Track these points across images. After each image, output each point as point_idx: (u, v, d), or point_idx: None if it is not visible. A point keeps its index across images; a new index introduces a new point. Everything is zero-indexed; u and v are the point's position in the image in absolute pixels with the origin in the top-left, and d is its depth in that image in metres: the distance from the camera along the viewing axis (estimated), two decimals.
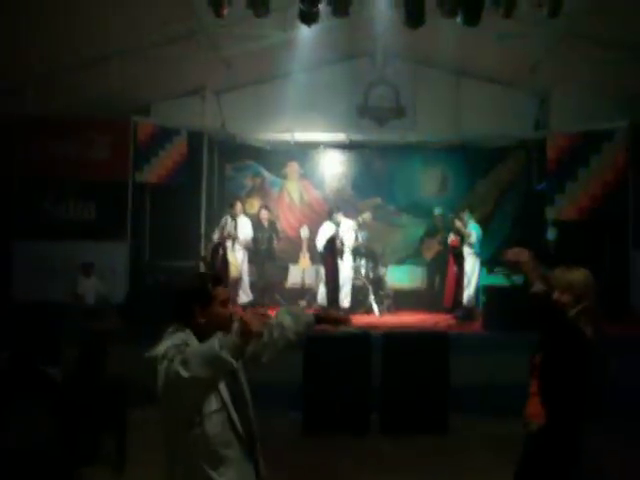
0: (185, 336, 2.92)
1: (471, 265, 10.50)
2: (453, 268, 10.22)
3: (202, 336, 2.90)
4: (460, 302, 10.10)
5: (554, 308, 3.60)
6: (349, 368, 6.97)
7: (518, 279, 10.04)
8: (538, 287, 3.55)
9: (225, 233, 10.36)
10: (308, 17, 7.66)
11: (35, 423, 5.42)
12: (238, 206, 10.64)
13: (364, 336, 7.12)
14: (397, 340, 7.25)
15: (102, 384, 5.90)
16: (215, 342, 2.67)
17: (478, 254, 10.61)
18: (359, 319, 10.25)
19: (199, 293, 3.00)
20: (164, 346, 2.85)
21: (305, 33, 9.48)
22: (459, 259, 10.23)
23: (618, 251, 10.87)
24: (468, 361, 7.36)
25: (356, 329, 7.80)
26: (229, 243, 10.33)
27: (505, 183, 12.99)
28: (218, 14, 7.79)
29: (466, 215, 10.56)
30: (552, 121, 12.01)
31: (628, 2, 8.47)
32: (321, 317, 3.29)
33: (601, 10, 8.60)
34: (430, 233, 11.62)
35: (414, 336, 7.46)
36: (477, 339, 8.50)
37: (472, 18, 7.34)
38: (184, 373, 2.68)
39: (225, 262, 10.10)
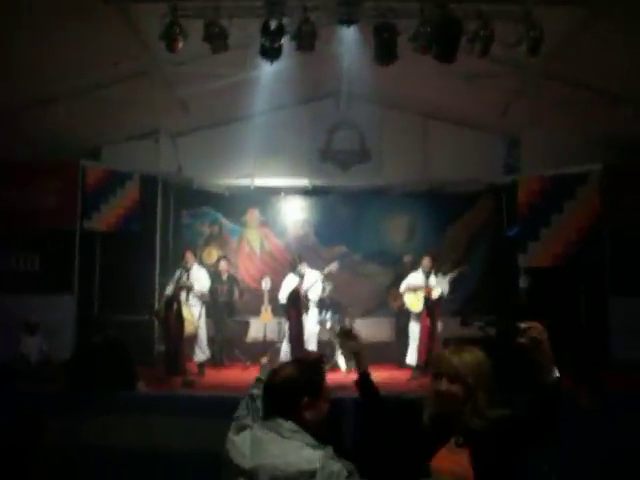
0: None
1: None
2: (426, 321, 9.65)
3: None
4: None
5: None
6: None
7: (491, 330, 9.63)
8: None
9: (178, 286, 9.77)
10: (270, 52, 7.15)
11: None
12: (189, 256, 10.10)
13: (336, 403, 6.47)
14: None
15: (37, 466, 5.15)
16: None
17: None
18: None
19: (310, 384, 2.79)
20: (310, 459, 2.56)
21: (266, 72, 9.03)
22: (432, 311, 9.69)
23: (595, 298, 10.53)
24: None
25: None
26: (183, 296, 9.74)
27: (475, 229, 12.74)
28: (171, 49, 7.25)
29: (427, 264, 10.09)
30: (523, 165, 11.79)
31: (599, 44, 8.24)
32: None
33: (573, 52, 8.37)
34: (397, 282, 11.12)
35: (390, 401, 6.82)
36: None
37: (447, 54, 6.92)
38: None
39: (179, 317, 9.47)
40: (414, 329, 9.97)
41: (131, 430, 6.82)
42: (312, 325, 10.07)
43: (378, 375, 10.42)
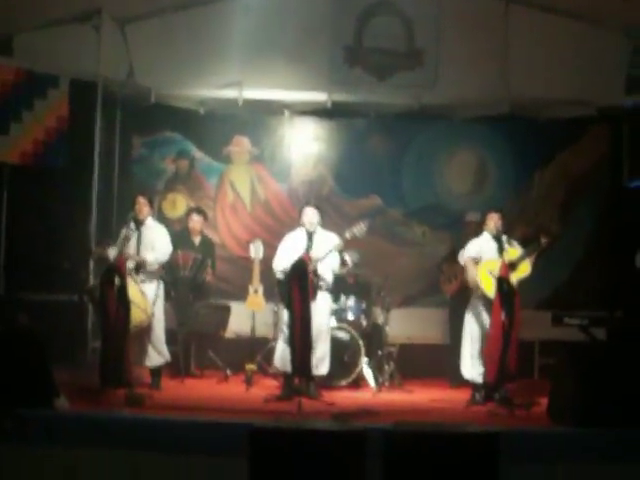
0: None
1: None
2: (499, 316, 9.41)
3: None
4: (511, 374, 9.34)
5: None
6: None
7: (598, 331, 9.48)
8: None
9: (125, 251, 9.62)
10: None
11: None
12: (142, 205, 9.97)
13: (357, 435, 6.37)
14: (410, 442, 6.46)
15: None
16: None
17: None
18: (345, 397, 9.76)
19: None
20: None
21: None
22: (509, 301, 9.44)
23: None
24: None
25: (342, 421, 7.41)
26: (131, 267, 9.61)
27: (578, 177, 12.69)
28: None
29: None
30: None
31: None
32: None
33: None
34: (456, 254, 10.95)
35: (440, 436, 6.67)
36: (543, 440, 7.74)
37: None
38: None
39: (124, 299, 9.26)
40: (478, 325, 9.78)
41: (42, 471, 6.71)
42: (323, 316, 9.88)
43: (427, 396, 10.62)
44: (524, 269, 9.55)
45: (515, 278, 9.44)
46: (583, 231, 12.50)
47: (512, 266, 9.51)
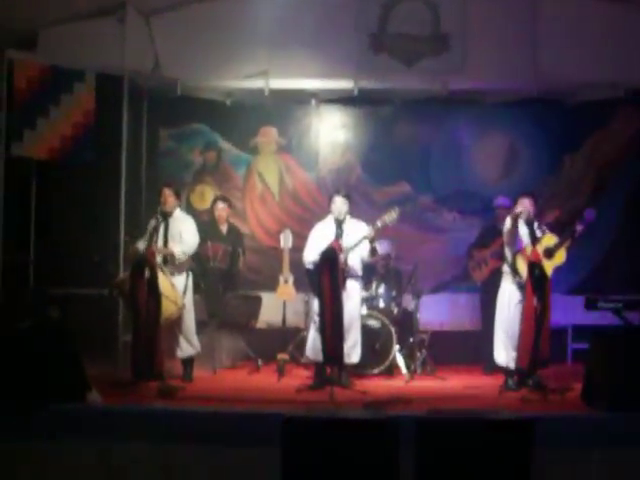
0: None
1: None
2: (532, 301, 9.34)
3: None
4: (544, 359, 9.28)
5: None
6: (365, 471, 6.19)
7: (631, 315, 9.39)
8: None
9: (153, 243, 9.65)
10: None
11: None
12: (168, 196, 9.98)
13: (390, 423, 6.34)
14: (444, 429, 6.43)
15: None
16: None
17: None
18: (377, 385, 9.73)
19: None
20: None
21: None
22: (542, 286, 9.37)
23: None
24: (563, 466, 6.81)
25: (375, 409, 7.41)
26: (160, 259, 9.65)
27: (608, 159, 12.56)
28: None
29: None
30: None
31: None
32: None
33: None
34: (485, 240, 10.91)
35: (473, 423, 6.63)
36: (577, 425, 7.66)
37: None
38: None
39: (154, 291, 9.30)
40: (510, 310, 9.70)
41: (76, 464, 6.72)
42: (354, 304, 9.87)
43: (460, 383, 10.55)
44: (560, 257, 9.48)
45: (552, 266, 9.39)
46: (616, 213, 12.36)
47: (549, 254, 9.43)
